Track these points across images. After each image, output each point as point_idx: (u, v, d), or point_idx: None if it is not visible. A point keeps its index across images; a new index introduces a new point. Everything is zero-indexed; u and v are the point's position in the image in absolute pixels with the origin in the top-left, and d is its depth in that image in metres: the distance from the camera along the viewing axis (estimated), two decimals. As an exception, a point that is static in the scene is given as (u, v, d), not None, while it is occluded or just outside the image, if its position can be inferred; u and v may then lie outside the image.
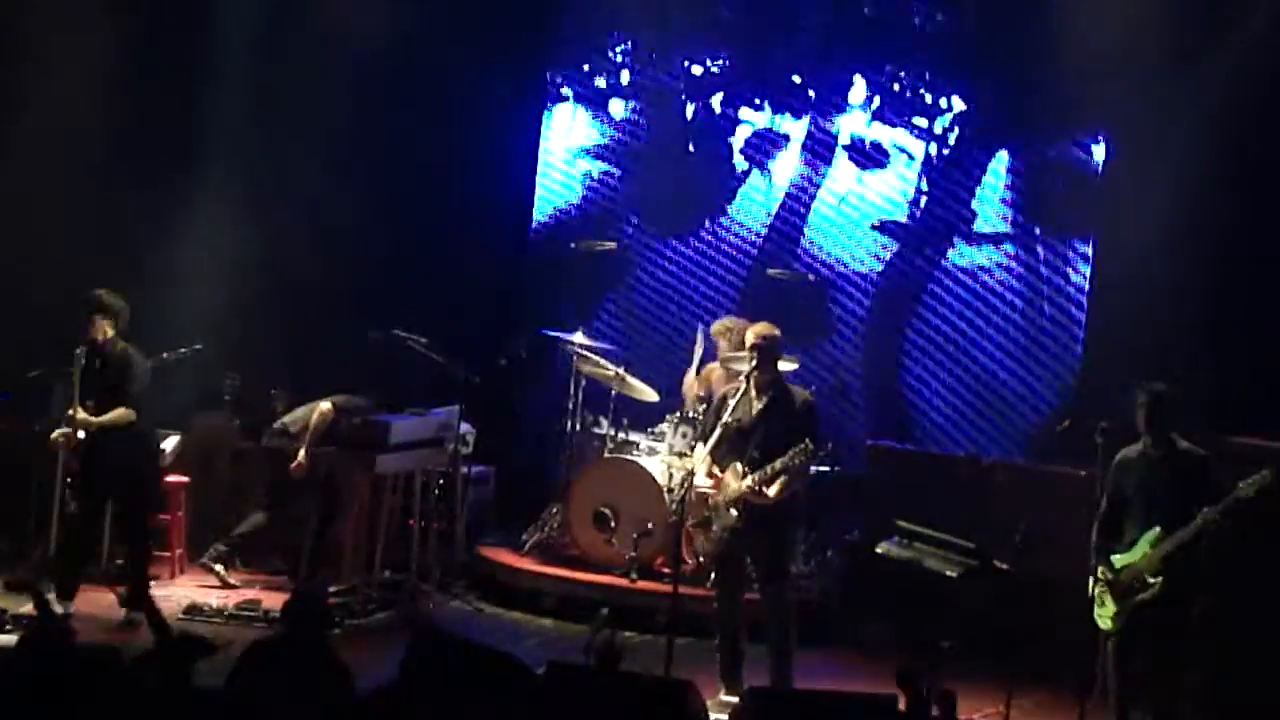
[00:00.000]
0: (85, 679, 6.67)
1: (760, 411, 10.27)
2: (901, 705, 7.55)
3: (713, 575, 10.96)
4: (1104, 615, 9.71)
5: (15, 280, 13.13)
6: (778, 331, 10.47)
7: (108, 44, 13.62)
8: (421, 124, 14.50)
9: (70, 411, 11.17)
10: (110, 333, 11.26)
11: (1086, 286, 13.88)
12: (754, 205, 14.93)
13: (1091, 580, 9.76)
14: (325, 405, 12.26)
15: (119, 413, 11.19)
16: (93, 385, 11.21)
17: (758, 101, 14.94)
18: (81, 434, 11.15)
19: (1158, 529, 9.52)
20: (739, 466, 10.19)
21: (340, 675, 7.30)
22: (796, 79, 14.84)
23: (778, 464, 10.04)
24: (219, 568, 12.38)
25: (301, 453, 12.18)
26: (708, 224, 15.07)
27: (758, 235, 14.92)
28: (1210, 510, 9.40)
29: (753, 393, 10.30)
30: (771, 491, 10.08)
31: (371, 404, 12.37)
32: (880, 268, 14.54)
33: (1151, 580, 9.50)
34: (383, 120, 14.47)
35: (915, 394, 14.44)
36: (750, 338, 10.38)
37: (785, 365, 11.06)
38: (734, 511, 10.21)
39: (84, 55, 13.52)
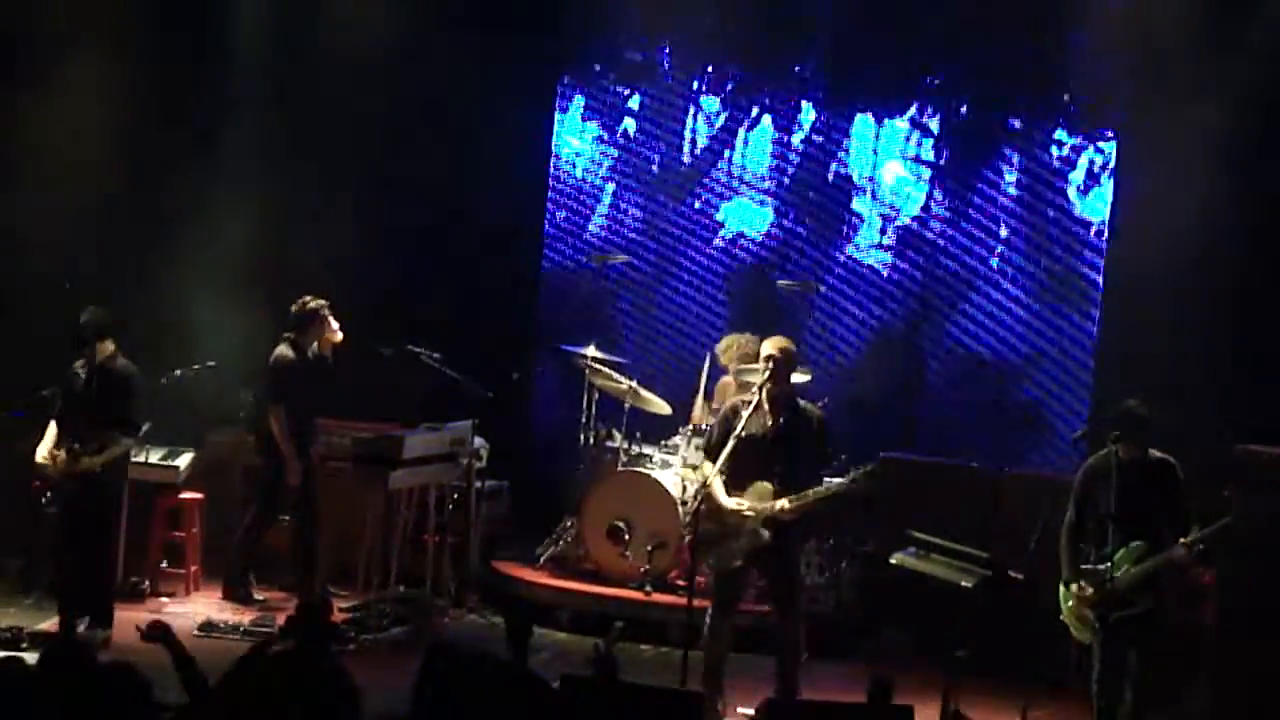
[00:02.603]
0: (107, 697, 6.68)
1: (777, 428, 10.15)
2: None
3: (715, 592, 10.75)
4: (1082, 630, 9.73)
5: (27, 297, 13.15)
6: (793, 345, 10.40)
7: (118, 65, 13.67)
8: (432, 138, 14.52)
9: (63, 453, 11.04)
10: (110, 351, 11.21)
11: (1100, 291, 13.87)
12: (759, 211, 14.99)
13: (1064, 591, 9.79)
14: (273, 407, 12.25)
15: (119, 447, 11.14)
16: (89, 406, 11.14)
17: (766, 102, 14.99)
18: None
19: (1139, 543, 9.53)
20: (768, 486, 10.05)
21: (345, 687, 7.29)
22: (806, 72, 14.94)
23: (821, 490, 9.97)
24: (252, 590, 12.46)
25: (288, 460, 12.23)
26: (718, 231, 15.10)
27: (765, 241, 14.98)
28: (1181, 548, 9.51)
29: (766, 407, 10.21)
30: (786, 507, 9.99)
31: (293, 341, 12.26)
32: (890, 264, 14.59)
33: (1132, 598, 9.53)
34: (393, 136, 14.49)
35: (928, 404, 14.44)
36: (767, 349, 10.29)
37: (798, 377, 11.04)
38: (766, 532, 10.02)
39: (93, 77, 13.57)
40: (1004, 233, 14.32)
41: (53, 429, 11.25)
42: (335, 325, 12.31)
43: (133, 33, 13.74)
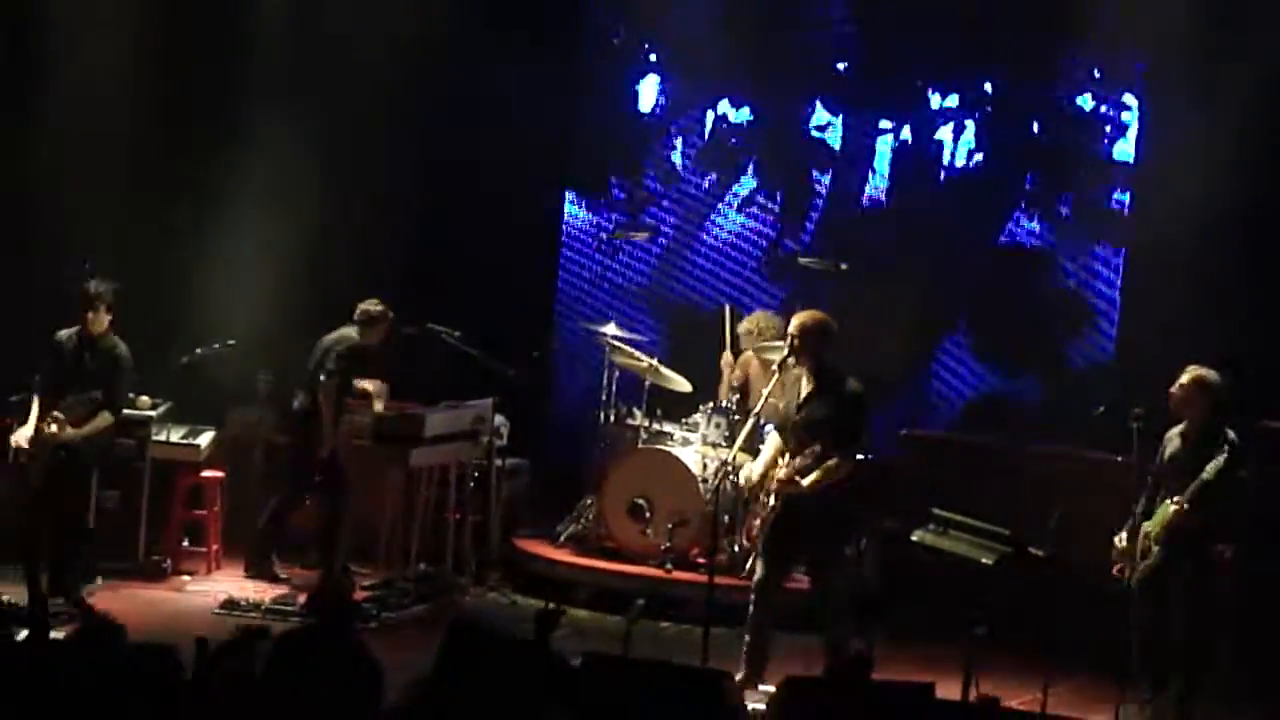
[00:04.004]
0: (139, 676, 6.69)
1: (804, 400, 10.17)
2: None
3: (750, 563, 10.86)
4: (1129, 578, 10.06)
5: (45, 276, 13.16)
6: (821, 320, 10.26)
7: (139, 40, 13.66)
8: (453, 117, 14.51)
9: (53, 428, 11.13)
10: (105, 325, 11.27)
11: (1120, 268, 13.85)
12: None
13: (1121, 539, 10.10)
14: (324, 379, 12.23)
15: (102, 419, 11.21)
16: (76, 378, 11.22)
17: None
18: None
19: (1170, 501, 9.81)
20: (784, 456, 10.15)
21: (366, 665, 7.30)
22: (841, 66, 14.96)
23: (801, 457, 10.00)
24: (275, 567, 12.48)
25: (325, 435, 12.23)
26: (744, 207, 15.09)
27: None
28: (1179, 497, 9.80)
29: (803, 380, 10.25)
30: (805, 482, 10.03)
31: (361, 329, 12.29)
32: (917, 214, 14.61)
33: (1155, 548, 9.89)
34: (415, 115, 14.48)
35: (945, 381, 14.42)
36: (790, 326, 10.31)
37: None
38: (772, 500, 10.16)
39: (114, 49, 13.56)
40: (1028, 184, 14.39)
41: (35, 409, 11.28)
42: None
43: (155, 21, 13.75)
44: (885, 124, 14.69)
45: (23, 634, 7.64)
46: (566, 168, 15.45)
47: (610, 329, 13.17)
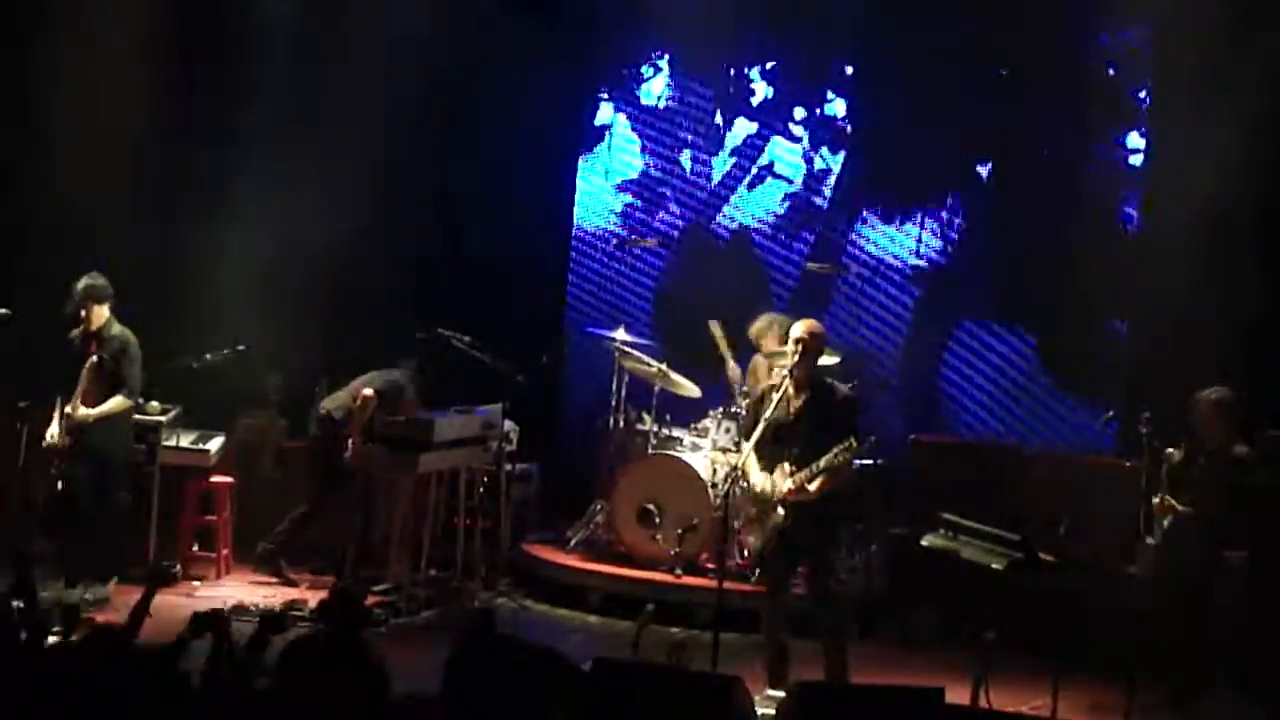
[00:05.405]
0: (143, 679, 6.70)
1: (799, 408, 10.18)
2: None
3: (758, 572, 10.89)
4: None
5: (59, 279, 13.18)
6: (821, 327, 10.41)
7: (141, 41, 13.66)
8: (464, 122, 14.52)
9: (68, 409, 11.31)
10: (104, 317, 11.41)
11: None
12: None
13: None
14: (367, 391, 12.26)
15: (116, 402, 11.41)
16: (89, 372, 11.34)
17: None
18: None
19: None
20: (786, 466, 10.11)
21: (375, 672, 7.31)
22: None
23: (821, 462, 9.96)
24: (280, 564, 12.50)
25: (351, 440, 12.23)
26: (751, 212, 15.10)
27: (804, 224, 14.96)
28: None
29: (791, 390, 10.23)
30: (813, 487, 10.02)
31: (408, 379, 12.38)
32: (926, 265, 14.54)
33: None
34: (425, 119, 14.47)
35: (953, 385, 14.42)
36: (795, 332, 10.31)
37: (827, 359, 11.03)
38: (781, 511, 10.14)
39: (116, 51, 13.56)
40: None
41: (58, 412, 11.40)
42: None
43: (157, 22, 13.76)
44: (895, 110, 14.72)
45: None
46: (577, 167, 15.45)
47: (620, 334, 13.17)
